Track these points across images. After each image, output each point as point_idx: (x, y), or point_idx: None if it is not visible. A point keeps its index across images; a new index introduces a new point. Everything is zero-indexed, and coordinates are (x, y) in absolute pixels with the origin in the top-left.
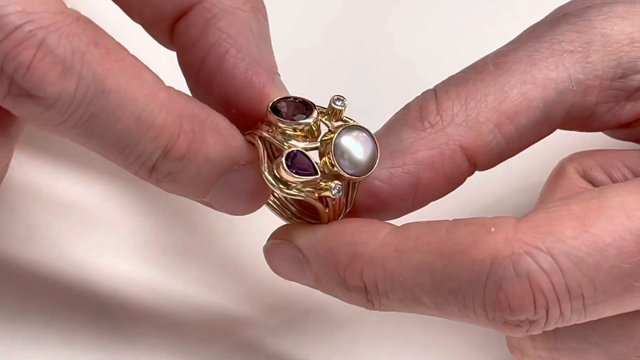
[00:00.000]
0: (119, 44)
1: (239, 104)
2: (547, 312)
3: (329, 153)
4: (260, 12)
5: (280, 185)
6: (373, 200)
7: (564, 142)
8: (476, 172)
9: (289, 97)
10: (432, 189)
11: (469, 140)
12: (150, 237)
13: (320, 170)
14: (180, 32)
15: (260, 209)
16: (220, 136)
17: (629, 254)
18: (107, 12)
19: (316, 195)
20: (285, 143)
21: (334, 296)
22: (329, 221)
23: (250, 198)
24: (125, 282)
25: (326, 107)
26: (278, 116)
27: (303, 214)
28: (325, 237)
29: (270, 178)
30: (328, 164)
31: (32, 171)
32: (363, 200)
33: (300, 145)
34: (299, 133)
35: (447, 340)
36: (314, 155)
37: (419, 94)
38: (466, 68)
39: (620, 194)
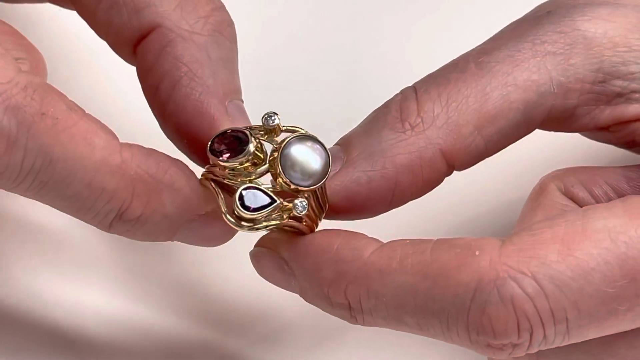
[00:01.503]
0: (71, 108)
1: (189, 134)
2: (530, 336)
3: (280, 173)
4: (222, 34)
5: (246, 224)
6: (351, 203)
7: (545, 156)
8: (458, 188)
9: (225, 132)
10: (409, 191)
11: (449, 144)
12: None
13: (278, 191)
14: (139, 56)
15: None
16: (177, 194)
17: (613, 279)
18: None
19: (285, 217)
20: (236, 179)
21: (318, 307)
22: (312, 230)
23: (215, 240)
24: (99, 298)
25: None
26: (217, 157)
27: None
28: (311, 252)
29: (234, 221)
30: (283, 183)
31: None
32: (340, 203)
33: (251, 176)
34: (245, 164)
35: (431, 351)
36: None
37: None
38: (447, 65)
39: (605, 217)
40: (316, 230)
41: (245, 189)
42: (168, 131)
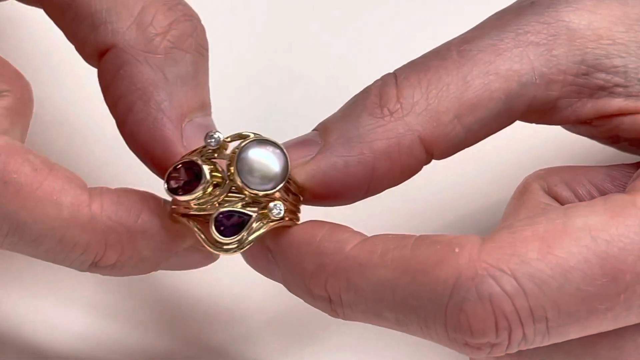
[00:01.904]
0: (35, 169)
1: (147, 157)
2: (509, 335)
3: (242, 186)
4: (181, 48)
5: (231, 247)
6: (327, 188)
7: (531, 156)
8: (443, 188)
9: (177, 166)
10: (387, 178)
11: (428, 131)
12: None
13: (250, 202)
14: (98, 73)
15: None
16: (151, 238)
17: (593, 277)
18: None
19: (266, 222)
20: (205, 206)
21: (300, 298)
22: (295, 219)
23: (199, 264)
24: (76, 303)
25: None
26: (175, 194)
27: None
28: (294, 244)
29: (216, 248)
30: (250, 194)
31: None
32: (317, 188)
33: (219, 199)
34: (209, 190)
35: (417, 353)
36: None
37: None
38: (428, 53)
39: (586, 215)
40: (299, 217)
41: (218, 215)
42: (129, 147)
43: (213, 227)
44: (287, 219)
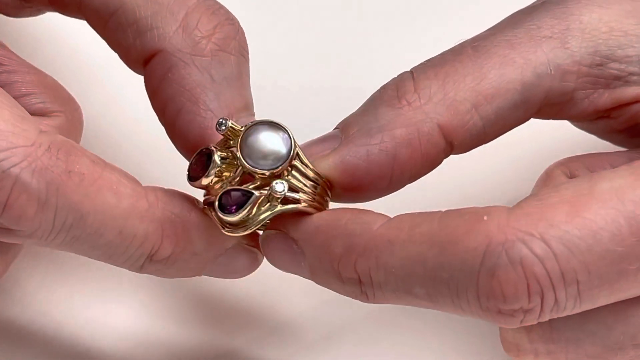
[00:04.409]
0: (94, 161)
1: None
2: (541, 299)
3: (244, 164)
4: (225, 51)
5: (244, 227)
6: (350, 178)
7: (555, 155)
8: (460, 189)
9: (198, 154)
10: (409, 167)
11: (446, 119)
12: None
13: (260, 185)
14: (146, 77)
15: None
16: (204, 232)
17: (622, 237)
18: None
19: (277, 205)
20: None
21: (328, 288)
22: (319, 208)
23: (241, 272)
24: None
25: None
26: (194, 181)
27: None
28: (320, 229)
29: (230, 232)
30: (250, 169)
31: None
32: (340, 178)
33: (233, 182)
34: (225, 174)
35: (431, 350)
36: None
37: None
38: (444, 52)
39: (611, 179)
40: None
41: (223, 194)
42: (178, 149)
43: (217, 205)
44: (303, 204)
